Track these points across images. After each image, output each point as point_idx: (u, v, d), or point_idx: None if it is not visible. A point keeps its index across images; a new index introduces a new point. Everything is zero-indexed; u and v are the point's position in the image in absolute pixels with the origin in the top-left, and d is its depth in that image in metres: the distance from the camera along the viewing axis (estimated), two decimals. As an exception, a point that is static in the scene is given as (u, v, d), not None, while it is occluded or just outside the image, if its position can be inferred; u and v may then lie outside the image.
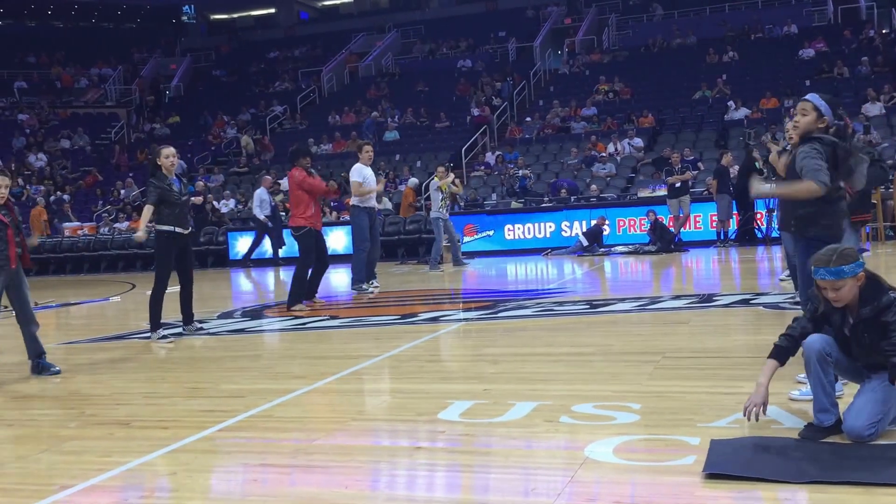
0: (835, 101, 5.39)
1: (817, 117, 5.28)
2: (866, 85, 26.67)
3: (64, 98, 41.25)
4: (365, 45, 41.73)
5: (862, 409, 4.34)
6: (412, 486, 4.24)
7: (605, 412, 5.18)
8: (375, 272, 13.87)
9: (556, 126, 29.67)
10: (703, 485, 3.85)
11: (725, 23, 34.76)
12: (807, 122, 5.30)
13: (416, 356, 7.78)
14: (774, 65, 30.38)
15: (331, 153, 30.81)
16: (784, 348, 4.59)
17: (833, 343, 4.51)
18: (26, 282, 7.84)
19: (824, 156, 5.16)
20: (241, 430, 5.35)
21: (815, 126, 5.29)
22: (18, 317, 7.79)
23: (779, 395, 5.12)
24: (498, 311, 10.43)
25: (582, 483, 3.97)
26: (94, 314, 13.51)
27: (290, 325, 10.34)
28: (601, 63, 34.19)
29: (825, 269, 4.45)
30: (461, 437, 4.91)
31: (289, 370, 7.37)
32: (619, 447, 4.47)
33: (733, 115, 27.28)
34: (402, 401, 5.98)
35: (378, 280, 14.06)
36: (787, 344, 4.58)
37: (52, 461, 4.86)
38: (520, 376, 6.54)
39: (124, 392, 6.79)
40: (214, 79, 43.14)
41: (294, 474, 4.41)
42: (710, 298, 10.47)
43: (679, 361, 6.73)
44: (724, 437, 4.51)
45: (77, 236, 27.29)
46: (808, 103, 5.32)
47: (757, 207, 19.86)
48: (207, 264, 24.76)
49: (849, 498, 3.60)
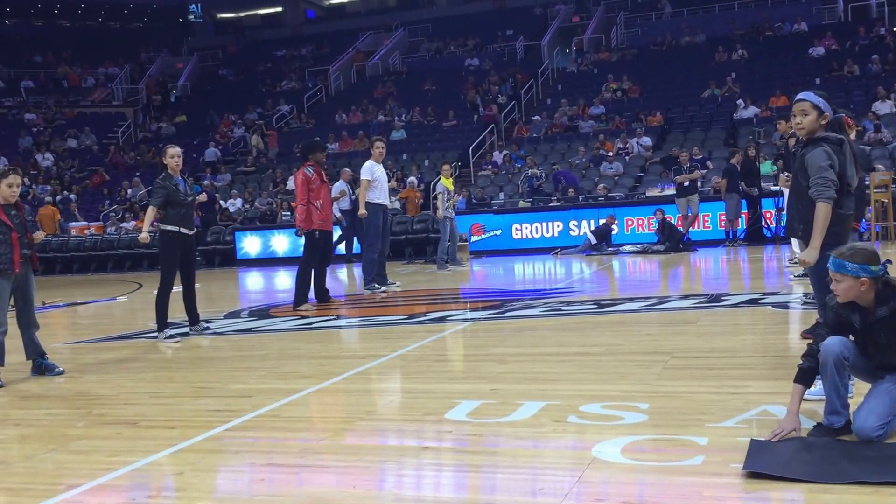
0: (825, 94, 5.37)
1: (818, 115, 5.26)
2: (877, 83, 26.61)
3: (71, 97, 41.34)
4: (372, 43, 41.75)
5: (872, 410, 4.33)
6: (420, 485, 4.24)
7: (614, 412, 5.17)
8: (385, 273, 13.77)
9: (563, 125, 29.66)
10: (711, 485, 3.84)
11: (734, 21, 34.70)
12: (810, 122, 5.27)
13: (424, 356, 7.78)
14: (784, 63, 30.34)
15: (338, 152, 30.85)
16: (809, 370, 4.52)
17: (851, 346, 4.49)
18: (33, 284, 7.84)
19: (833, 159, 5.14)
20: (248, 429, 5.35)
21: (818, 123, 5.26)
22: (19, 318, 7.77)
23: (786, 396, 5.10)
24: (506, 311, 10.42)
25: (590, 483, 3.96)
26: (102, 314, 13.53)
27: (298, 325, 10.34)
28: (609, 61, 34.18)
29: (833, 259, 4.47)
30: (469, 436, 4.90)
31: (296, 370, 7.38)
32: (627, 447, 4.46)
33: (742, 113, 27.23)
34: (410, 400, 5.99)
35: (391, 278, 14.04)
36: (810, 365, 4.51)
37: (60, 460, 4.87)
38: (528, 376, 6.54)
39: (132, 392, 6.80)
40: (221, 78, 43.21)
41: (301, 474, 4.41)
42: (718, 298, 10.45)
43: (687, 361, 6.71)
44: (732, 437, 4.50)
45: (84, 236, 27.38)
46: (806, 102, 5.29)
47: (764, 206, 19.84)
48: (215, 264, 24.80)
49: (858, 499, 3.59)
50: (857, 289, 4.43)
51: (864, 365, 4.56)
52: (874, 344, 4.49)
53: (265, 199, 27.93)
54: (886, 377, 4.49)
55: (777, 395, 5.31)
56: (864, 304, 4.46)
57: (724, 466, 4.06)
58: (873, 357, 4.53)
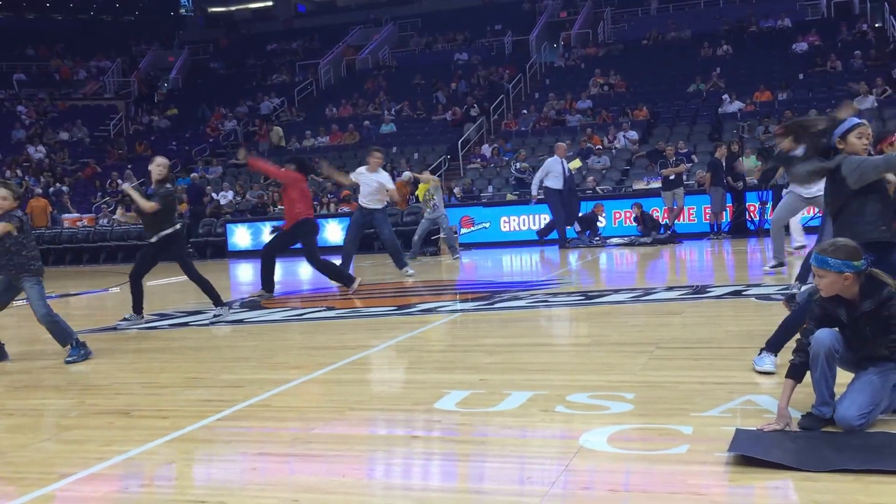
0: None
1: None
2: (859, 78, 26.80)
3: (63, 90, 41.23)
4: (362, 38, 41.72)
5: (854, 400, 4.40)
6: (408, 474, 4.29)
7: (600, 402, 5.23)
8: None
9: (551, 119, 29.71)
10: (696, 473, 3.90)
11: (720, 16, 34.84)
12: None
13: (413, 346, 7.83)
14: (768, 58, 30.49)
15: (328, 145, 30.85)
16: (801, 364, 4.55)
17: (841, 339, 4.54)
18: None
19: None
20: (239, 419, 5.39)
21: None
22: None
23: (774, 386, 5.18)
24: (494, 302, 10.48)
25: (576, 472, 4.01)
26: (94, 305, 13.53)
27: (288, 316, 10.38)
28: (596, 56, 34.26)
29: (815, 255, 4.53)
30: (457, 426, 4.96)
31: (287, 360, 7.41)
32: (613, 436, 4.51)
33: (727, 108, 27.37)
34: (399, 390, 6.04)
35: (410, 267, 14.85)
36: (802, 360, 4.55)
37: (53, 450, 4.90)
38: (515, 366, 6.59)
39: (124, 382, 6.84)
40: (212, 71, 43.14)
41: (292, 463, 4.46)
42: (703, 290, 10.52)
43: (673, 352, 6.78)
44: (717, 426, 4.57)
45: (76, 227, 27.53)
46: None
47: (749, 200, 19.96)
48: (206, 255, 24.85)
49: (840, 486, 3.65)
50: (840, 283, 4.48)
51: (850, 357, 4.62)
52: (860, 336, 4.54)
53: (256, 191, 27.93)
54: (870, 368, 4.55)
55: (761, 385, 5.38)
56: (850, 297, 4.51)
57: (708, 455, 4.11)
58: (858, 349, 4.58)
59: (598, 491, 3.77)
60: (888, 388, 4.49)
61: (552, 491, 3.78)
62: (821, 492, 3.61)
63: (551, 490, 3.79)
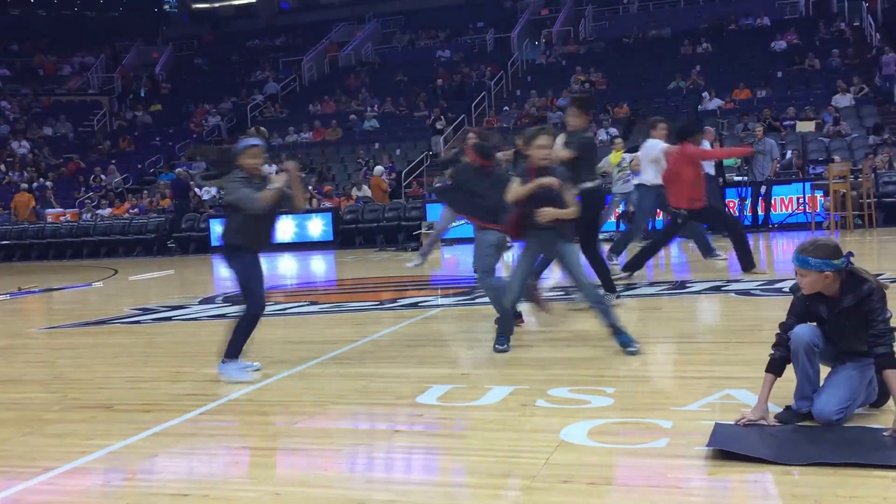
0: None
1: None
2: (837, 77, 27.08)
3: (47, 86, 41.01)
4: (345, 34, 41.66)
5: (833, 395, 4.44)
6: (390, 468, 4.32)
7: (581, 396, 5.27)
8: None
9: (533, 116, 29.76)
10: (675, 466, 3.94)
11: (700, 15, 35.05)
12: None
13: (395, 341, 7.86)
14: (747, 56, 30.72)
15: (311, 141, 30.85)
16: (780, 359, 4.59)
17: (820, 334, 4.58)
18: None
19: None
20: (223, 413, 5.41)
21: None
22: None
23: (753, 381, 5.22)
24: (475, 297, 10.51)
25: (557, 465, 4.04)
26: (77, 299, 13.47)
27: (271, 311, 10.37)
28: (578, 54, 34.33)
29: (796, 254, 4.57)
30: (439, 420, 4.99)
31: (270, 355, 7.40)
32: (593, 430, 4.55)
33: (707, 105, 27.51)
34: (381, 385, 6.05)
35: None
36: (781, 354, 4.59)
37: (36, 444, 4.91)
38: (497, 361, 6.62)
39: (107, 376, 6.84)
40: (196, 67, 43.06)
41: (275, 456, 4.49)
42: (683, 285, 10.59)
43: (653, 347, 6.82)
44: (696, 420, 4.61)
45: (60, 222, 27.61)
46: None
47: (728, 196, 20.01)
48: (189, 250, 24.87)
49: (818, 479, 3.68)
50: (821, 282, 4.50)
51: (829, 351, 4.67)
52: (840, 331, 4.57)
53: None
54: (848, 363, 4.58)
55: (740, 379, 5.42)
56: (831, 293, 4.54)
57: (688, 449, 4.15)
58: (838, 344, 4.63)
59: (579, 484, 3.80)
60: (865, 383, 4.54)
61: (533, 484, 3.81)
62: (799, 485, 3.65)
63: (532, 483, 3.82)
